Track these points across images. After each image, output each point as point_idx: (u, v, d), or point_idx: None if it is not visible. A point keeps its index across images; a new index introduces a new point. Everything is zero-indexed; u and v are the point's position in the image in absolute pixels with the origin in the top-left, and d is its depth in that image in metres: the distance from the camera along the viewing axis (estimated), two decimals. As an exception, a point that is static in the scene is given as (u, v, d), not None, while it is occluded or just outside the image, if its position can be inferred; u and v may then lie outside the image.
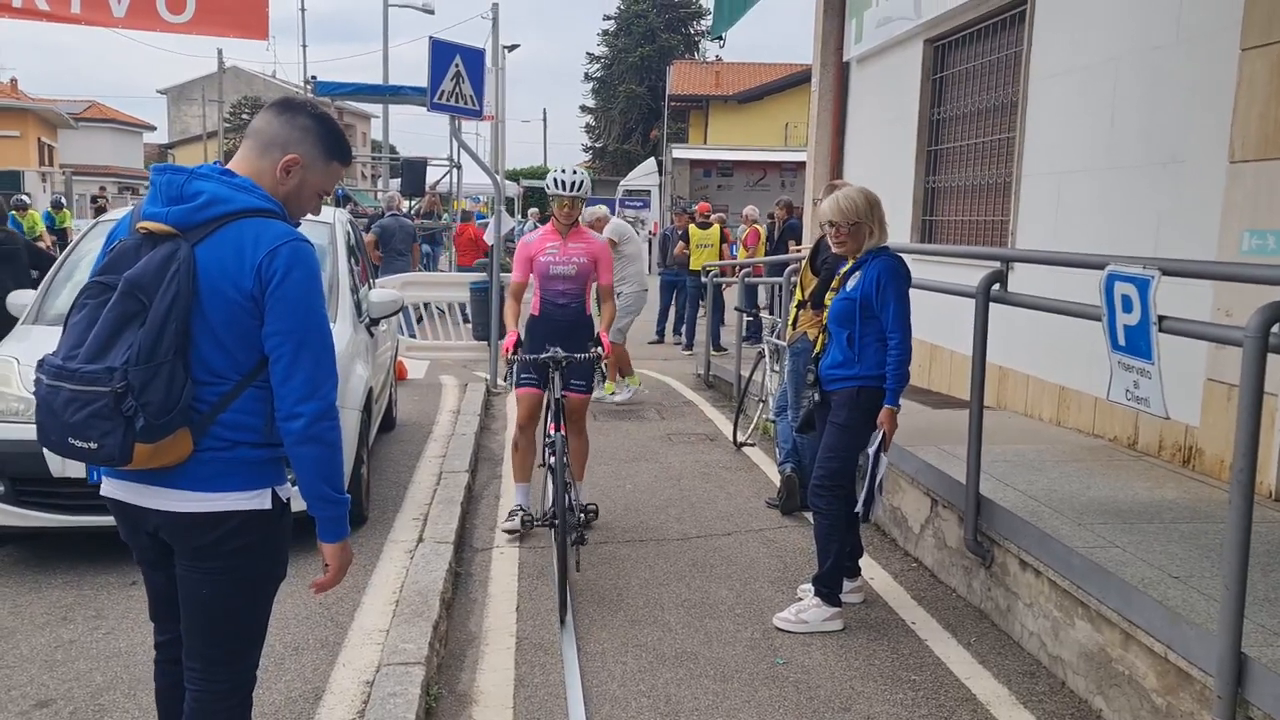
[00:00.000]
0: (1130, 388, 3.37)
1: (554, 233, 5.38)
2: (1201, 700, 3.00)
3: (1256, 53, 4.66)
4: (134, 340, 2.15)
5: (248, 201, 2.28)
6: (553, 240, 5.36)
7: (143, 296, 2.18)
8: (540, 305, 5.38)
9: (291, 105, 2.42)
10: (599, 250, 5.41)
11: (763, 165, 29.16)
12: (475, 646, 4.10)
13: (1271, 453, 4.56)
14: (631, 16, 46.06)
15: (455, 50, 9.41)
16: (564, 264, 5.30)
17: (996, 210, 7.39)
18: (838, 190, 4.40)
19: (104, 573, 4.74)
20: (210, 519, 2.28)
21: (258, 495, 2.32)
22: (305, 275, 2.26)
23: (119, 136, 47.58)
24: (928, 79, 8.41)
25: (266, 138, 2.37)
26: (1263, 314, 2.65)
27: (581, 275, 5.35)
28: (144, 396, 2.13)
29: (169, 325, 2.16)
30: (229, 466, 2.28)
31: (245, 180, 2.32)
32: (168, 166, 2.34)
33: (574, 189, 5.29)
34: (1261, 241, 4.57)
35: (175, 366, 2.17)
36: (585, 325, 5.40)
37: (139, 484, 2.29)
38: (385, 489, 6.16)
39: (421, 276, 13.19)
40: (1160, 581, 3.46)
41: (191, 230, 2.23)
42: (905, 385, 4.24)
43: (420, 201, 18.84)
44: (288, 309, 2.24)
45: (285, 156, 2.35)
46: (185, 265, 2.18)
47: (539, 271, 5.34)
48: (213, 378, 2.25)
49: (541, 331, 5.29)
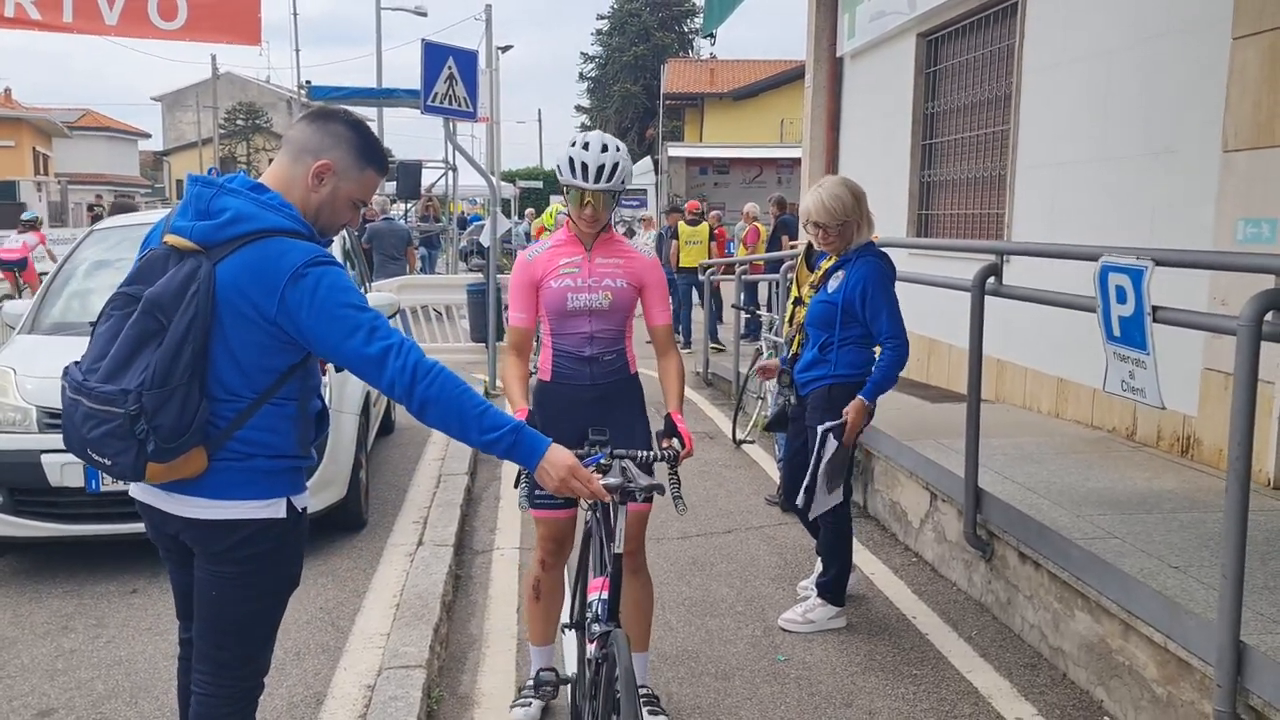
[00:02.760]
0: (1126, 379, 3.37)
1: (572, 242, 3.37)
2: (1202, 689, 3.00)
3: (1248, 41, 4.66)
4: (150, 362, 2.15)
5: (273, 221, 2.24)
6: (570, 254, 3.36)
7: (162, 316, 2.17)
8: (553, 363, 3.39)
9: (326, 113, 2.40)
10: (645, 270, 3.39)
11: (759, 162, 29.17)
12: (476, 649, 4.10)
13: (1270, 441, 4.56)
14: (625, 15, 46.12)
15: (448, 52, 9.41)
16: (590, 291, 3.32)
17: (993, 203, 7.39)
18: (821, 187, 4.13)
19: (104, 581, 4.74)
20: (225, 525, 2.30)
21: (272, 504, 2.33)
22: (335, 283, 2.20)
23: (114, 144, 47.63)
24: (921, 73, 8.41)
25: (299, 145, 2.35)
26: (1256, 302, 2.65)
27: (620, 309, 3.35)
28: (156, 420, 2.14)
29: (185, 348, 2.15)
30: (245, 476, 2.30)
31: (274, 197, 2.29)
32: (201, 178, 2.30)
33: (604, 177, 3.20)
34: (1256, 230, 4.57)
35: (190, 390, 2.17)
36: (631, 393, 3.44)
37: (162, 490, 2.32)
38: (385, 492, 6.16)
39: (419, 279, 13.19)
40: (1159, 572, 3.46)
41: (214, 248, 2.21)
42: (888, 388, 4.08)
43: (416, 204, 18.84)
44: (335, 322, 2.19)
45: (317, 163, 2.33)
46: (205, 285, 2.17)
47: (551, 305, 3.33)
48: (229, 395, 2.25)
49: (560, 407, 3.33)
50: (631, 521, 3.16)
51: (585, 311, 3.32)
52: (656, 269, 3.45)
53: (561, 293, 3.31)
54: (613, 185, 3.21)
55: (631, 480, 2.71)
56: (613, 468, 2.78)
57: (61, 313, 5.55)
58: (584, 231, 3.36)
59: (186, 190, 2.30)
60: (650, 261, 3.45)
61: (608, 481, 2.66)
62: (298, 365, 2.32)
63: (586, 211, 3.27)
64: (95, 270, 5.83)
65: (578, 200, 3.27)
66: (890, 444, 5.51)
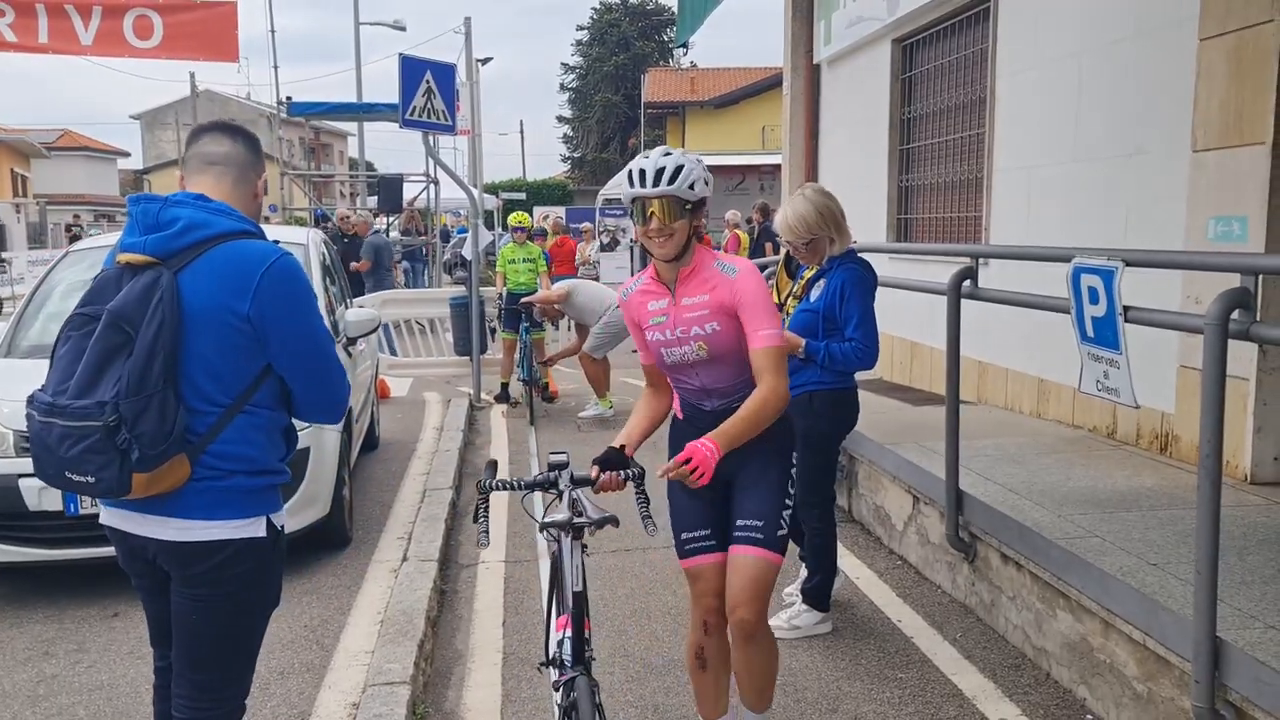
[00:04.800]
0: (1100, 378, 3.39)
1: (655, 281, 2.95)
2: (1181, 685, 3.02)
3: (1213, 43, 4.72)
4: (122, 372, 2.16)
5: (228, 225, 2.30)
6: (656, 298, 2.93)
7: (127, 327, 2.18)
8: (681, 404, 3.07)
9: (233, 129, 2.50)
10: (733, 291, 2.80)
11: (741, 169, 29.22)
12: (462, 664, 4.09)
13: (1245, 437, 4.60)
14: (605, 26, 46.22)
15: (425, 66, 9.42)
16: (681, 344, 2.87)
17: (970, 206, 7.44)
18: (790, 204, 4.15)
19: (84, 606, 4.71)
20: (206, 547, 2.29)
21: (252, 523, 2.34)
22: (301, 289, 2.35)
23: (93, 164, 47.39)
24: (897, 78, 8.46)
25: (238, 161, 2.43)
26: (1221, 301, 2.68)
27: (724, 355, 2.86)
28: (138, 428, 2.15)
29: (156, 355, 2.17)
30: (224, 495, 2.29)
31: (222, 204, 2.35)
32: (142, 196, 2.35)
33: (664, 179, 2.77)
34: (1227, 228, 4.62)
35: (166, 395, 2.18)
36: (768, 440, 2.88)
37: (137, 513, 2.31)
38: (369, 508, 6.14)
39: (402, 293, 13.18)
40: (1139, 569, 3.49)
41: (171, 258, 2.24)
42: (834, 366, 3.99)
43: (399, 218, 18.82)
44: (292, 327, 2.31)
45: (260, 179, 2.49)
46: (169, 293, 2.19)
47: (654, 355, 2.96)
48: (203, 405, 2.26)
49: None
50: (739, 574, 2.86)
51: (687, 365, 2.90)
52: (747, 280, 2.81)
53: (656, 347, 2.92)
54: (676, 189, 2.74)
55: (582, 513, 2.56)
56: (564, 498, 2.61)
57: (38, 335, 5.52)
58: (661, 264, 2.86)
59: (130, 211, 2.34)
60: (739, 274, 2.82)
61: (553, 518, 2.54)
62: (269, 368, 2.35)
63: (652, 225, 2.76)
64: (72, 292, 5.79)
65: (640, 215, 2.79)
66: (873, 448, 5.53)
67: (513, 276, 9.83)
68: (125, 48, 11.81)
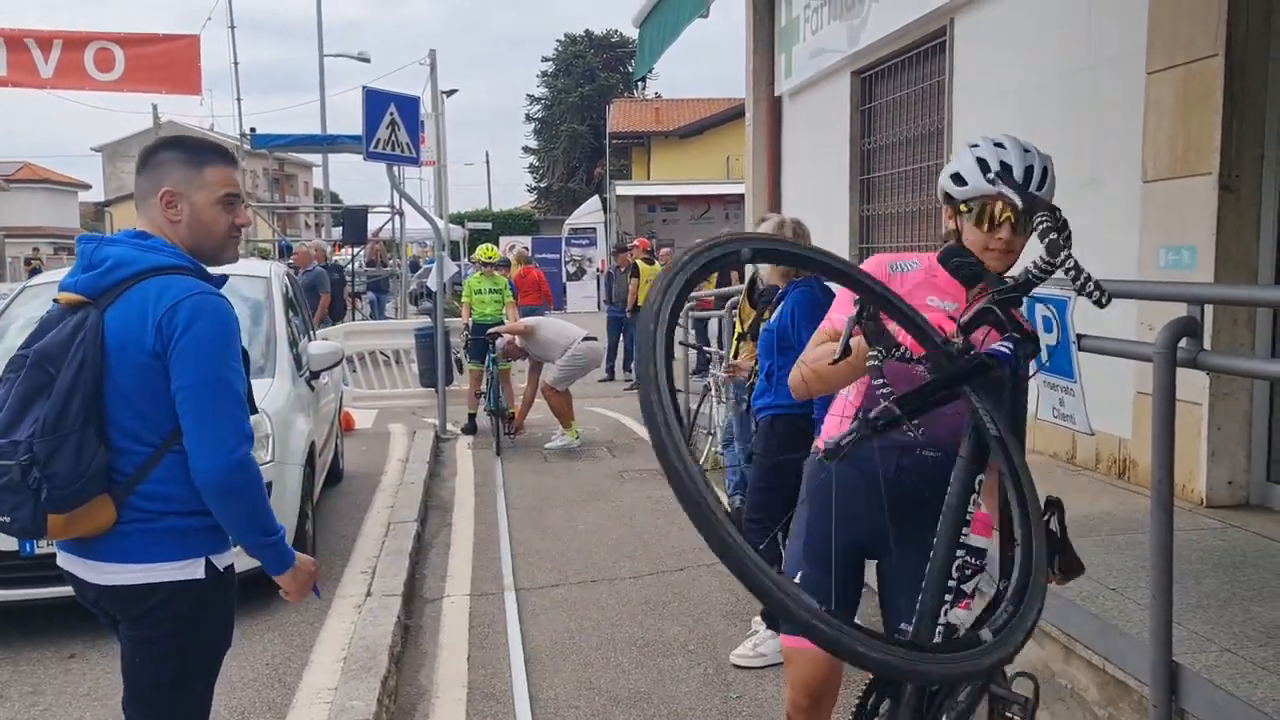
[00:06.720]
0: (1056, 405, 3.45)
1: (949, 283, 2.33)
2: (1140, 710, 3.05)
3: (1161, 75, 4.85)
4: (40, 413, 2.14)
5: (153, 260, 2.27)
6: (944, 296, 2.33)
7: (50, 368, 2.18)
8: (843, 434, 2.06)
9: (144, 153, 2.41)
10: None
11: (706, 198, 29.46)
12: (426, 700, 4.05)
13: (1199, 461, 4.68)
14: (570, 57, 46.56)
15: (389, 99, 9.44)
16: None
17: (931, 235, 7.54)
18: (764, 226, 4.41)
19: (39, 647, 4.60)
20: (139, 591, 2.25)
21: (189, 565, 2.28)
22: (208, 327, 2.23)
23: (54, 196, 46.81)
24: (856, 110, 8.59)
25: (141, 192, 2.37)
26: (1169, 330, 2.74)
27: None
28: (49, 468, 2.12)
29: (75, 395, 2.15)
30: (157, 537, 2.25)
31: (157, 241, 2.33)
32: (86, 236, 2.35)
33: (1033, 183, 2.20)
34: (1176, 256, 4.72)
35: (84, 435, 2.16)
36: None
37: (76, 556, 2.29)
38: (333, 542, 6.07)
39: (366, 325, 13.11)
40: (1098, 594, 3.52)
41: (100, 296, 2.24)
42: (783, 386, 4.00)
43: (364, 249, 18.75)
44: (189, 363, 2.21)
45: (159, 195, 2.32)
46: (92, 333, 2.19)
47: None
48: (130, 444, 2.23)
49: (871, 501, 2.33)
50: None
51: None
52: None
53: None
54: (1045, 195, 2.12)
55: None
56: None
57: (-6, 371, 5.42)
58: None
59: (77, 251, 2.35)
60: None
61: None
62: None
63: (1001, 235, 2.12)
64: (28, 328, 5.71)
65: (986, 216, 2.13)
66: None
67: (478, 307, 9.83)
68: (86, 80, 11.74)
